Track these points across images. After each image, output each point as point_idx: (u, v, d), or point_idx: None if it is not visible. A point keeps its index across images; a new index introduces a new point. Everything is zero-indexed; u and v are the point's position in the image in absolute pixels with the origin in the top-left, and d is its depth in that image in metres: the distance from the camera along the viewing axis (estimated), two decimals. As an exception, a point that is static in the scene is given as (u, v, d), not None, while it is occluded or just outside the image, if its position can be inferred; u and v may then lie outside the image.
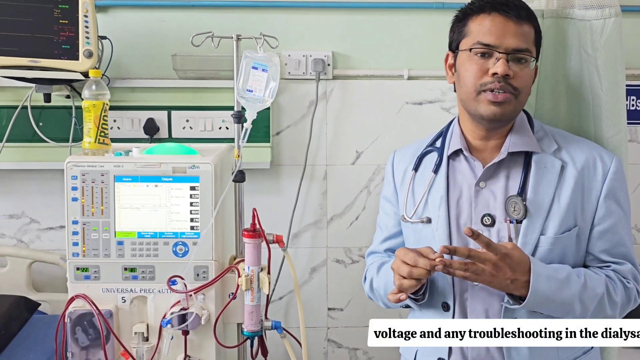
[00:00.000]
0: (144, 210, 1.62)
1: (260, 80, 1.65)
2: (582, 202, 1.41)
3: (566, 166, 1.42)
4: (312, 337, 2.44)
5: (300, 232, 2.40)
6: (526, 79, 1.38)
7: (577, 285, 1.35)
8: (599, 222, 1.42)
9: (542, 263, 1.35)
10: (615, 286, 1.40)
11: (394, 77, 2.33)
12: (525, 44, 1.37)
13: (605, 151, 1.47)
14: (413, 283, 1.30)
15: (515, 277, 1.30)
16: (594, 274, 1.40)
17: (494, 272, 1.28)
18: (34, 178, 2.31)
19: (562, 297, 1.34)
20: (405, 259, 1.30)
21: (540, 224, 1.38)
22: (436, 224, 1.45)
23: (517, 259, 1.31)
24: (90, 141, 1.66)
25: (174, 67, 2.20)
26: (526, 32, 1.38)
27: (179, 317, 1.59)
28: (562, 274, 1.35)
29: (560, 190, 1.40)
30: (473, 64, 1.38)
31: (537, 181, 1.40)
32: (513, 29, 1.36)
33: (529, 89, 1.42)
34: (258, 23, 2.24)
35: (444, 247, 1.27)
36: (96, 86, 1.65)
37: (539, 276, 1.31)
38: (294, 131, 2.35)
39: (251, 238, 1.60)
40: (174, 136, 2.26)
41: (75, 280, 1.63)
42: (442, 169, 1.48)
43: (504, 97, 1.36)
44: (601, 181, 1.42)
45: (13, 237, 2.34)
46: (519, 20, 1.37)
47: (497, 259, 1.28)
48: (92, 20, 1.96)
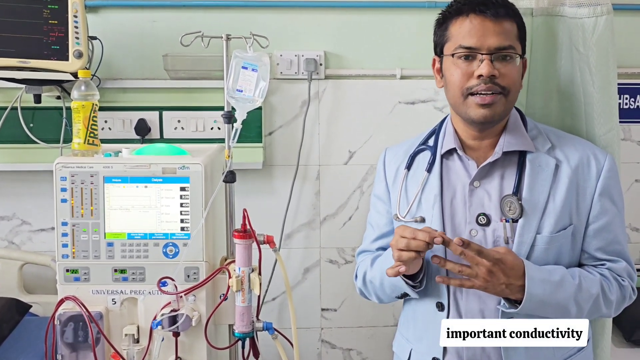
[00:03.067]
0: (133, 211, 1.61)
1: (250, 80, 1.65)
2: (577, 200, 1.41)
3: (560, 165, 1.42)
4: (306, 338, 2.43)
5: (294, 232, 2.39)
6: (513, 76, 1.37)
7: (571, 287, 1.35)
8: (594, 220, 1.43)
9: (536, 266, 1.35)
10: (610, 285, 1.40)
11: (386, 77, 2.32)
12: (507, 41, 1.36)
13: (599, 149, 1.47)
14: (412, 255, 1.30)
15: (509, 282, 1.31)
16: (589, 274, 1.40)
17: (487, 278, 1.29)
18: (25, 179, 2.29)
19: (557, 300, 1.34)
20: (404, 233, 1.30)
21: (536, 223, 1.38)
22: (430, 224, 1.44)
23: (511, 264, 1.31)
24: (80, 142, 1.65)
25: (165, 68, 2.20)
26: (507, 29, 1.36)
27: (170, 318, 1.58)
28: (556, 276, 1.35)
29: (555, 189, 1.40)
30: (457, 68, 1.37)
31: (532, 180, 1.40)
32: (493, 28, 1.35)
33: (518, 85, 1.41)
34: (249, 23, 2.23)
35: (441, 235, 1.27)
36: (85, 87, 1.64)
37: (534, 280, 1.31)
38: (286, 131, 2.34)
39: (242, 239, 1.59)
40: (165, 137, 2.26)
41: (65, 282, 1.62)
42: (436, 168, 1.47)
43: (492, 98, 1.36)
44: (595, 179, 1.42)
45: (4, 239, 2.33)
46: (498, 19, 1.35)
47: (490, 264, 1.28)
48: (81, 20, 1.95)
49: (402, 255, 1.30)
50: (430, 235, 1.28)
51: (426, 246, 1.29)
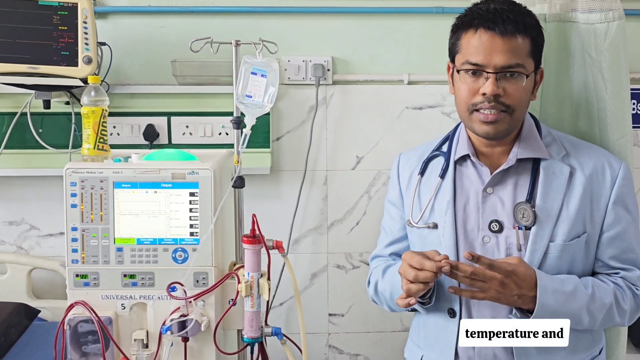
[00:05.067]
0: (143, 216, 1.61)
1: (259, 85, 1.65)
2: (591, 208, 1.41)
3: (575, 172, 1.41)
4: (313, 343, 2.42)
5: (301, 237, 2.39)
6: (519, 95, 1.35)
7: (584, 297, 1.35)
8: (608, 229, 1.42)
9: (548, 276, 1.34)
10: (624, 294, 1.40)
11: (394, 82, 2.33)
12: (515, 59, 1.33)
13: (613, 157, 1.46)
14: (421, 287, 1.30)
15: (522, 293, 1.30)
16: (602, 284, 1.40)
17: (500, 290, 1.29)
18: (34, 184, 2.30)
19: (570, 310, 1.33)
20: (412, 262, 1.30)
21: (549, 230, 1.38)
22: (442, 230, 1.44)
23: (523, 275, 1.30)
24: (89, 147, 1.65)
25: (174, 73, 2.20)
26: (516, 46, 1.33)
27: (179, 323, 1.58)
28: (569, 286, 1.35)
29: (569, 196, 1.40)
30: (464, 84, 1.38)
31: (545, 188, 1.39)
32: (500, 46, 1.33)
33: (525, 102, 1.39)
34: (257, 29, 2.24)
35: (448, 263, 1.27)
36: (95, 92, 1.65)
37: (546, 291, 1.31)
38: (294, 136, 2.34)
39: (251, 244, 1.60)
40: (173, 142, 2.26)
41: (75, 287, 1.62)
42: (449, 174, 1.47)
43: (495, 116, 1.35)
44: (610, 187, 1.41)
45: (13, 244, 2.34)
46: (507, 36, 1.33)
47: (502, 277, 1.28)
48: (91, 26, 1.96)
49: (412, 288, 1.31)
50: (437, 265, 1.27)
51: (434, 276, 1.29)
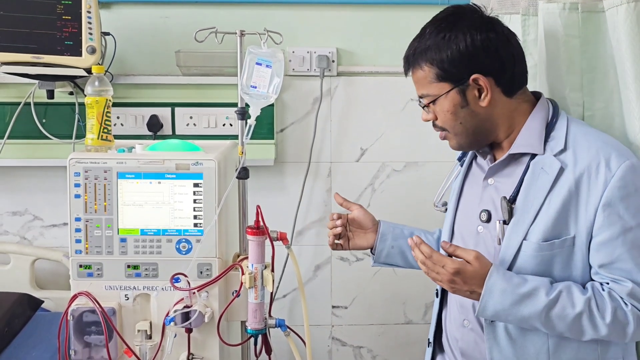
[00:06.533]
0: (147, 207, 1.61)
1: (264, 76, 1.64)
2: (577, 209, 1.30)
3: (565, 170, 1.31)
4: (316, 335, 2.42)
5: (305, 229, 2.39)
6: (442, 116, 1.39)
7: (541, 302, 1.27)
8: (597, 233, 1.29)
9: (505, 275, 1.29)
10: (603, 305, 1.28)
11: (398, 74, 2.26)
12: (420, 90, 1.41)
13: (617, 154, 1.30)
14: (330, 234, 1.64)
15: (472, 290, 1.31)
16: (578, 291, 1.29)
17: (451, 285, 1.32)
18: (37, 175, 2.30)
19: (521, 313, 1.28)
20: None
21: (524, 228, 1.32)
22: (447, 213, 1.54)
23: (471, 273, 1.29)
24: (93, 138, 1.64)
25: (178, 64, 2.19)
26: (417, 78, 1.41)
27: (182, 314, 1.57)
28: (525, 288, 1.28)
29: (553, 195, 1.31)
30: None
31: (528, 184, 1.34)
32: (413, 80, 1.43)
33: (453, 119, 1.38)
34: (262, 19, 2.22)
35: (412, 239, 1.36)
36: (99, 82, 1.64)
37: (492, 291, 1.28)
38: (298, 128, 2.33)
39: (255, 235, 1.60)
40: (177, 133, 2.25)
41: (78, 277, 1.62)
42: (466, 161, 1.55)
43: (443, 136, 1.44)
44: (602, 188, 1.28)
45: (16, 234, 2.34)
46: (409, 74, 1.43)
47: (450, 274, 1.30)
48: (95, 16, 1.95)
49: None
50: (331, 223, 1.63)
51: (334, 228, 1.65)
